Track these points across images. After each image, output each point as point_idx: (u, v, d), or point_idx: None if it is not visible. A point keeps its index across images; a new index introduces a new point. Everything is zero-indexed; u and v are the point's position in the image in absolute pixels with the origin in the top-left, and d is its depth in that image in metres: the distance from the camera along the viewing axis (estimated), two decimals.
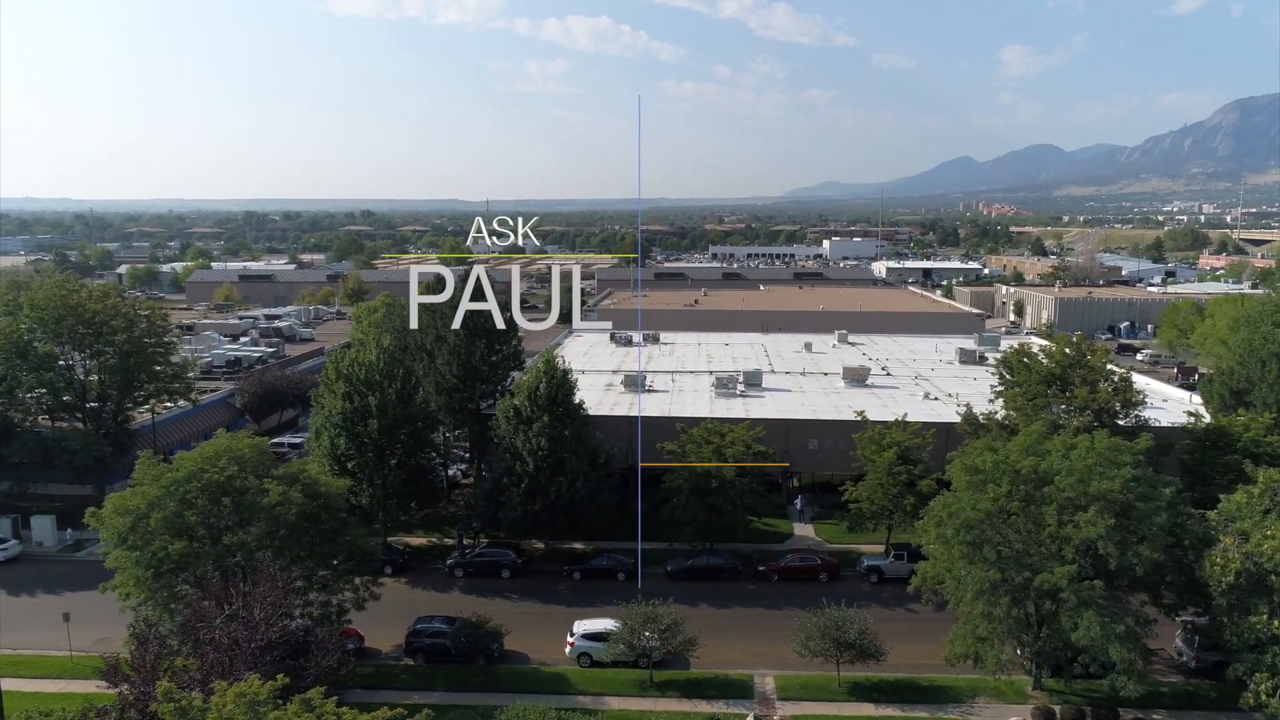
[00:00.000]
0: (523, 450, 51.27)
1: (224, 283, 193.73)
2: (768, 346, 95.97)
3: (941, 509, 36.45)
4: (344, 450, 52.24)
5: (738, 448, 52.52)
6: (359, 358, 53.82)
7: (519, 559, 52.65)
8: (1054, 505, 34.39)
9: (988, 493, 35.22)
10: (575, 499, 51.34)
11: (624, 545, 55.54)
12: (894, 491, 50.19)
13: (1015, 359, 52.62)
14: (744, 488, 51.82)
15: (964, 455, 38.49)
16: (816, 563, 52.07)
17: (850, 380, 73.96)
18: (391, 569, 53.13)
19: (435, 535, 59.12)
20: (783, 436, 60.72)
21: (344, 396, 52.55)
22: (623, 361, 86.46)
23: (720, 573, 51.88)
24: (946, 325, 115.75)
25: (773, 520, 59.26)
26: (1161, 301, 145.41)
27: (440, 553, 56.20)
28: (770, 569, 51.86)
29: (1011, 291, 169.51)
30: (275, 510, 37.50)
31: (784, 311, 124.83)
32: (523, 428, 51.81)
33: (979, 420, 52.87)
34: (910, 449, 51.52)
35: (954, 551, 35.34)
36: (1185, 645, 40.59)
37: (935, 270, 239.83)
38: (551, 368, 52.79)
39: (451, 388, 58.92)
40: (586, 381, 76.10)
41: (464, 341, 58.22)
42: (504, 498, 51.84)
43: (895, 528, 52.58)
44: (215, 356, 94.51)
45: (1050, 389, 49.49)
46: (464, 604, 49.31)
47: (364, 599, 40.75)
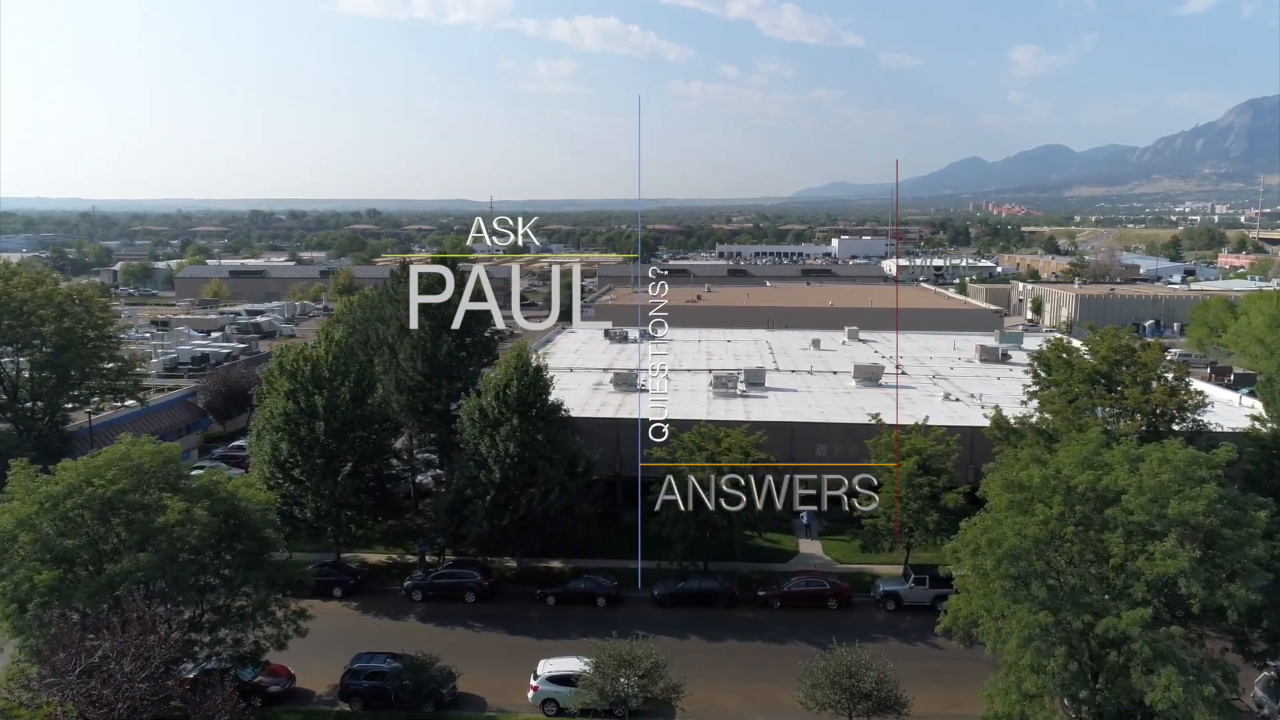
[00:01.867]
0: (488, 457, 44.87)
1: (213, 278, 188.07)
2: (772, 343, 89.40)
3: (978, 534, 29.86)
4: (287, 456, 45.99)
5: (735, 454, 45.96)
6: (305, 352, 47.51)
7: (486, 580, 46.25)
8: (1120, 531, 27.80)
9: (1036, 514, 28.64)
10: (549, 513, 44.95)
11: (609, 565, 49.09)
12: (914, 506, 43.64)
13: (1053, 355, 46.04)
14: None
15: (1003, 467, 31.98)
16: (825, 587, 45.52)
17: (862, 379, 67.38)
18: (341, 591, 46.88)
19: (398, 551, 52.79)
20: (787, 441, 54.19)
21: (287, 395, 46.30)
22: (615, 359, 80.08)
23: (714, 598, 45.40)
24: (963, 322, 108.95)
25: (775, 536, 52.66)
26: (1188, 299, 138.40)
27: (401, 571, 49.86)
28: (772, 594, 45.35)
29: (1029, 289, 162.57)
30: (174, 531, 31.16)
31: (790, 308, 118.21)
32: (489, 431, 45.42)
33: (1010, 425, 46.29)
34: (933, 457, 44.95)
35: (994, 587, 28.75)
36: (1268, 696, 33.98)
37: (947, 268, 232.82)
38: (523, 363, 46.37)
39: (415, 386, 52.51)
40: (573, 380, 69.87)
41: (429, 334, 51.82)
42: (467, 511, 45.49)
43: (915, 547, 46.06)
44: (181, 352, 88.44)
45: (1095, 389, 42.88)
46: (418, 634, 42.96)
47: (287, 635, 34.35)
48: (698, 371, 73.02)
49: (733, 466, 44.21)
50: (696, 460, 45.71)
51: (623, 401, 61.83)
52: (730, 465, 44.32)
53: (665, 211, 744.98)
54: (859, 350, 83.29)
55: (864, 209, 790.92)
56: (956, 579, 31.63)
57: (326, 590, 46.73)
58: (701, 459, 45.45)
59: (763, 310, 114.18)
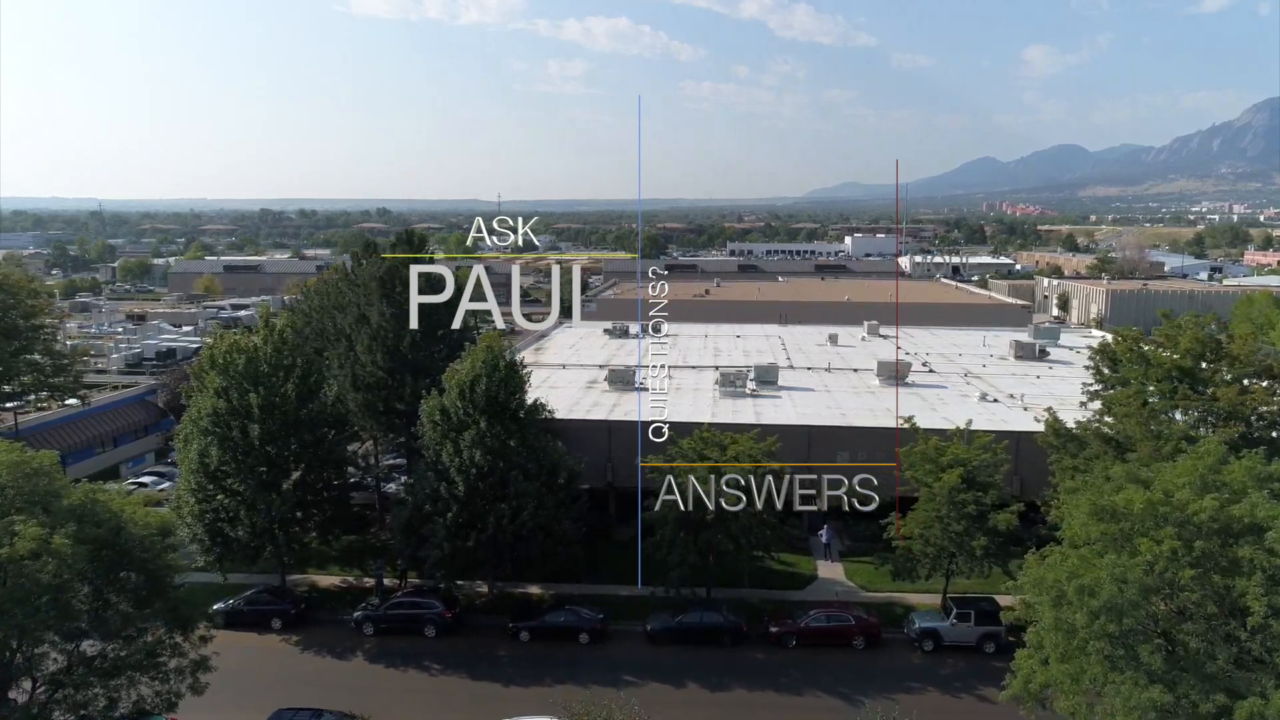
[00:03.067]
0: (450, 466, 37.92)
1: (205, 273, 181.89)
2: (785, 339, 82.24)
3: (1061, 576, 22.73)
4: (218, 464, 39.19)
5: (743, 463, 38.88)
6: (240, 343, 40.68)
7: (448, 611, 39.28)
8: (1258, 578, 20.66)
9: (1141, 553, 21.54)
10: (522, 532, 37.99)
11: (597, 591, 42.17)
12: (957, 529, 36.49)
13: (1123, 349, 38.80)
14: (751, 519, 38.22)
15: (1089, 488, 24.88)
16: (850, 623, 38.33)
17: (887, 377, 60.16)
18: (281, 622, 40.01)
19: (355, 573, 45.92)
20: (803, 447, 47.11)
21: (217, 393, 39.48)
22: (613, 355, 73.13)
23: (718, 634, 38.30)
24: (989, 317, 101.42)
25: (790, 557, 45.65)
26: (1226, 294, 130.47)
27: (357, 597, 42.98)
28: (786, 630, 38.22)
29: (1055, 284, 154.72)
30: (25, 566, 24.32)
31: (805, 303, 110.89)
32: (452, 436, 38.47)
33: (1070, 430, 39.19)
34: (979, 469, 37.78)
35: (1085, 647, 21.64)
36: None
37: (965, 265, 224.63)
38: (492, 356, 39.38)
39: (376, 383, 45.62)
40: (565, 377, 62.98)
41: (390, 322, 44.91)
42: (426, 530, 38.58)
43: (956, 573, 38.92)
44: (146, 347, 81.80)
45: (1179, 388, 35.67)
46: (364, 678, 36.15)
47: (178, 694, 27.44)
48: (703, 369, 66.00)
49: (739, 468, 37.29)
50: (697, 471, 38.73)
51: (618, 401, 54.88)
52: (736, 466, 37.39)
53: (676, 211, 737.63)
54: (880, 346, 76.02)
55: (877, 208, 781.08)
56: (1029, 633, 24.49)
57: (264, 621, 40.01)
58: (704, 469, 38.42)
59: (775, 305, 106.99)
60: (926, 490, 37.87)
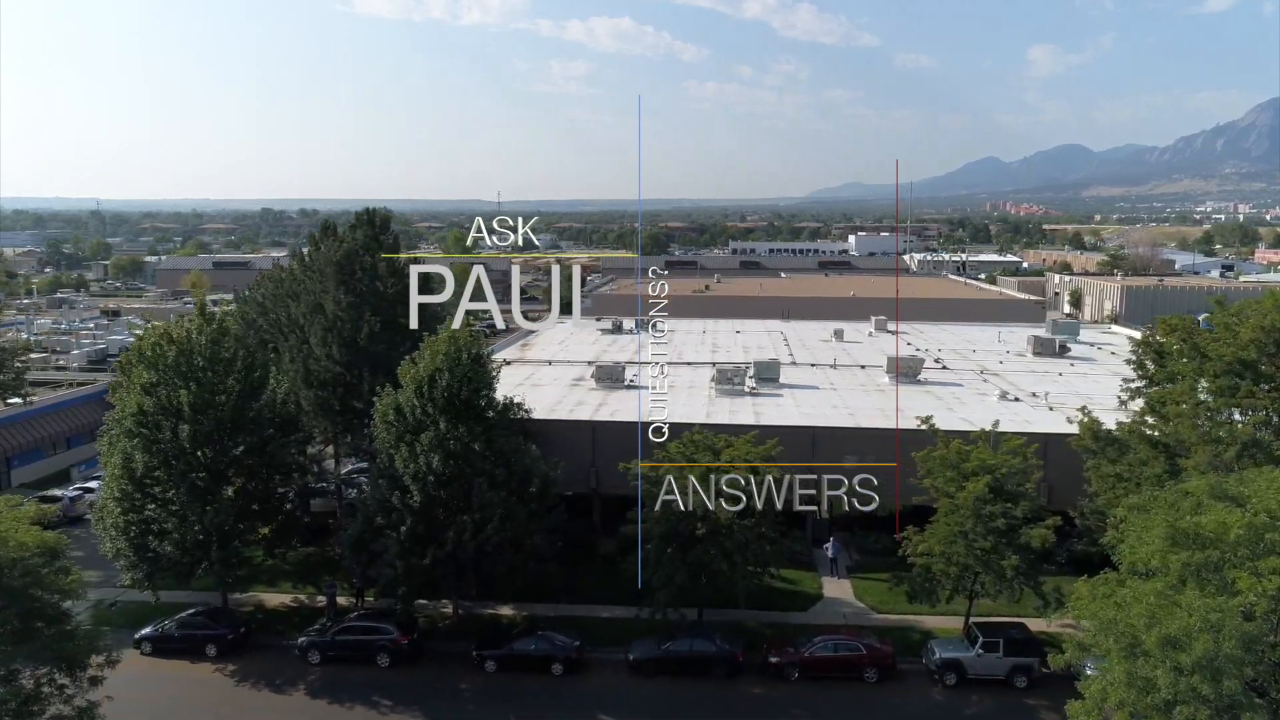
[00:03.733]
0: (405, 473, 33.30)
1: (193, 269, 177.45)
2: (788, 335, 77.59)
3: (1137, 620, 18.02)
4: (144, 469, 34.59)
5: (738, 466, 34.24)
6: (171, 332, 36.06)
7: (404, 638, 34.64)
8: None
9: (1239, 591, 16.89)
10: (487, 547, 33.34)
11: (577, 612, 37.61)
12: (984, 545, 31.79)
13: (1176, 341, 34.11)
14: (748, 533, 33.58)
15: (1164, 506, 20.22)
16: (860, 651, 33.61)
17: (897, 375, 55.48)
18: (217, 649, 35.41)
19: (309, 590, 41.29)
20: (806, 450, 42.48)
21: (144, 389, 34.88)
22: (604, 352, 68.44)
23: (710, 664, 33.63)
24: (1001, 313, 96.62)
25: (792, 574, 40.94)
26: (1246, 291, 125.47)
27: (308, 619, 38.39)
28: (788, 660, 33.55)
29: (1067, 280, 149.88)
30: None
31: (808, 298, 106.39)
32: (408, 439, 33.85)
33: (1110, 434, 34.54)
34: (1007, 476, 33.08)
35: (1173, 715, 16.96)
36: None
37: (970, 264, 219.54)
38: (454, 347, 34.72)
39: (331, 378, 40.99)
40: (550, 374, 58.40)
41: (347, 311, 40.29)
42: (378, 546, 33.95)
43: (982, 595, 34.20)
44: (111, 343, 77.26)
45: (1241, 384, 31.00)
46: (303, 715, 31.56)
47: None
48: (700, 365, 61.33)
49: (735, 469, 32.74)
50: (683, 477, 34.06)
51: (604, 400, 50.30)
52: (731, 468, 32.84)
53: (679, 211, 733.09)
54: (888, 342, 71.33)
55: (880, 208, 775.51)
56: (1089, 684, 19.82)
57: (197, 647, 35.43)
58: (695, 474, 33.75)
59: (777, 301, 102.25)
60: (948, 501, 33.19)
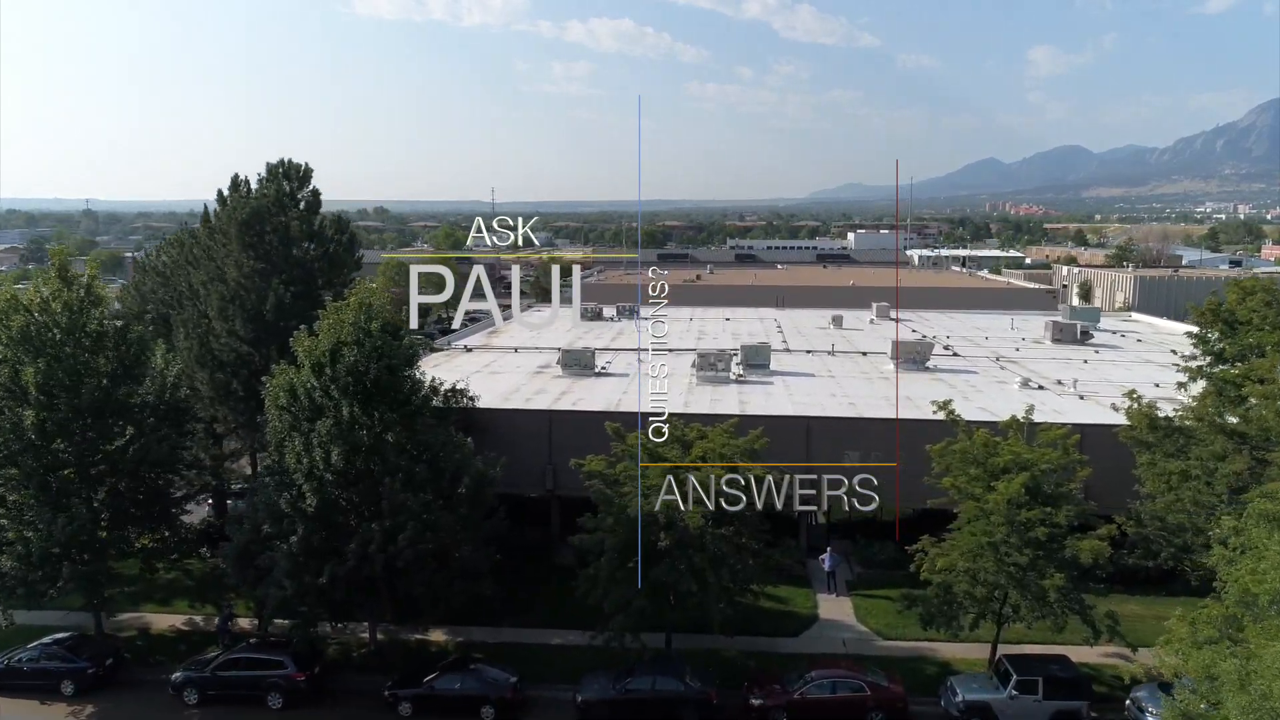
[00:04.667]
0: (297, 470, 26.83)
1: None
2: (782, 322, 71.25)
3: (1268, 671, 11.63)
4: None
5: (711, 463, 27.79)
6: (22, 298, 29.59)
7: (301, 673, 28.17)
8: None
9: None
10: (399, 562, 26.84)
11: (523, 638, 31.16)
12: (1020, 560, 25.32)
13: (1258, 305, 27.74)
14: (723, 544, 27.12)
15: None
16: (863, 691, 27.09)
17: (904, 360, 49.12)
18: (74, 685, 28.92)
19: (208, 609, 34.81)
20: (800, 443, 36.12)
21: None
22: (579, 339, 61.88)
23: (677, 706, 27.15)
24: (1011, 302, 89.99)
25: (781, 590, 34.45)
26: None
27: (198, 646, 31.96)
28: (774, 701, 27.06)
29: (1075, 272, 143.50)
30: None
31: (805, 286, 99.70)
32: (304, 427, 27.38)
33: (1171, 424, 28.18)
34: (1045, 474, 26.59)
35: None
36: None
37: (973, 258, 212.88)
38: (364, 316, 28.21)
39: (233, 359, 34.51)
40: (512, 362, 52.08)
41: (253, 279, 33.82)
42: (264, 559, 27.47)
43: (1013, 620, 27.72)
44: None
45: None
46: None
47: None
48: (682, 352, 54.84)
49: (703, 466, 26.41)
50: (650, 474, 27.68)
51: (568, 389, 43.97)
52: (697, 465, 26.50)
53: (678, 212, 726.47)
54: (892, 329, 64.90)
55: (880, 208, 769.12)
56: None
57: (50, 684, 28.94)
58: (656, 474, 27.35)
59: (772, 290, 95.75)
60: (972, 505, 26.73)
